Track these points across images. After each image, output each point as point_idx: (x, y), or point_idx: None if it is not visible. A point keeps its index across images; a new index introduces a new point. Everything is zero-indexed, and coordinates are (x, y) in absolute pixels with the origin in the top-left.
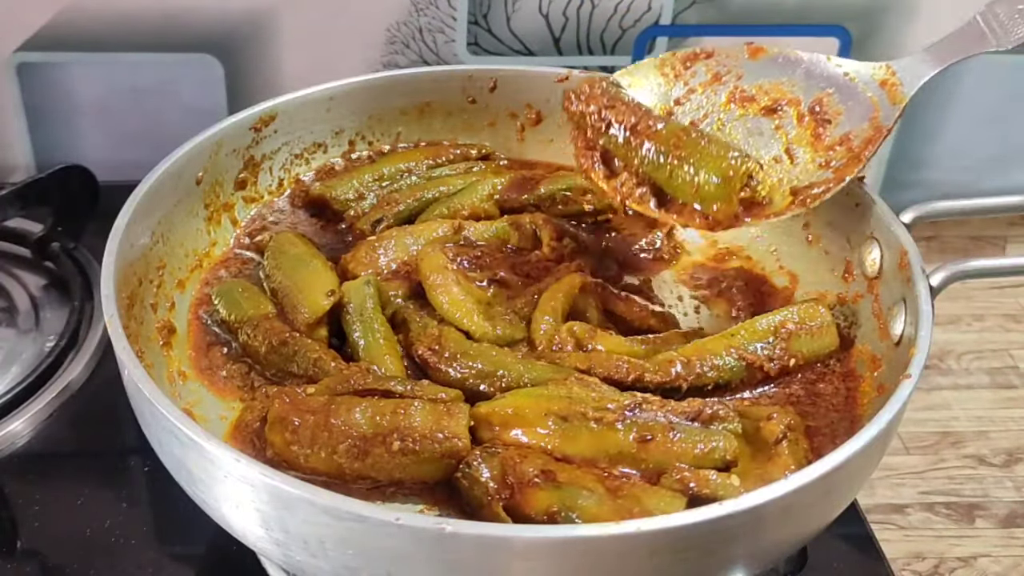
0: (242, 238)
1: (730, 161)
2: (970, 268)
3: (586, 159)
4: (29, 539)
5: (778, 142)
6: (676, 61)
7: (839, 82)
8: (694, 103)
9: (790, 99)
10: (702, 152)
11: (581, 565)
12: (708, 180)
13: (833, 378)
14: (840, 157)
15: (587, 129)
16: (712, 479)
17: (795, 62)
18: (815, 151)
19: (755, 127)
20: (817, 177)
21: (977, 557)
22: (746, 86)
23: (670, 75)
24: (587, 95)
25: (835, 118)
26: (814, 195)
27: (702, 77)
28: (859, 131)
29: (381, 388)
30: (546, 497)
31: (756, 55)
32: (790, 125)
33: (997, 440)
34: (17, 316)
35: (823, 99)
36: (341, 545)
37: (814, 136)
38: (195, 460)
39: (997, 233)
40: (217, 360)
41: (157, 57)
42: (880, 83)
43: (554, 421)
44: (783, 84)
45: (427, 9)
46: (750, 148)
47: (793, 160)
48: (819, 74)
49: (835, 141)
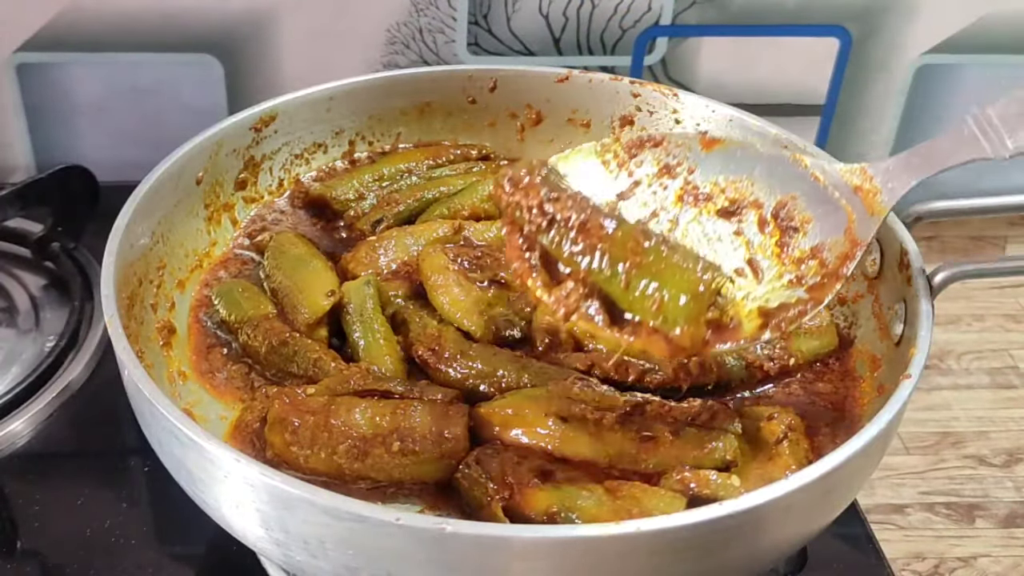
0: (242, 238)
1: (699, 275)
2: (970, 268)
3: (521, 262)
4: (29, 539)
5: (739, 251)
6: (620, 148)
7: (805, 185)
8: (640, 198)
9: (750, 201)
10: (665, 262)
11: (581, 565)
12: (674, 298)
13: (833, 378)
14: (813, 273)
15: (524, 225)
16: (712, 479)
17: (754, 158)
18: (782, 264)
19: (713, 231)
20: (788, 297)
21: (977, 557)
22: (700, 182)
23: (612, 164)
24: (525, 184)
25: (803, 226)
26: (789, 319)
27: (649, 168)
28: (833, 244)
29: (381, 389)
30: (545, 498)
31: (710, 147)
32: (752, 232)
33: (997, 440)
34: (17, 316)
35: (787, 203)
36: (341, 545)
37: (780, 246)
38: (195, 460)
39: (997, 233)
40: (217, 363)
41: (157, 57)
42: (854, 188)
43: (554, 422)
44: (741, 183)
45: (427, 9)
46: (709, 257)
47: (758, 275)
48: (782, 174)
49: (805, 254)
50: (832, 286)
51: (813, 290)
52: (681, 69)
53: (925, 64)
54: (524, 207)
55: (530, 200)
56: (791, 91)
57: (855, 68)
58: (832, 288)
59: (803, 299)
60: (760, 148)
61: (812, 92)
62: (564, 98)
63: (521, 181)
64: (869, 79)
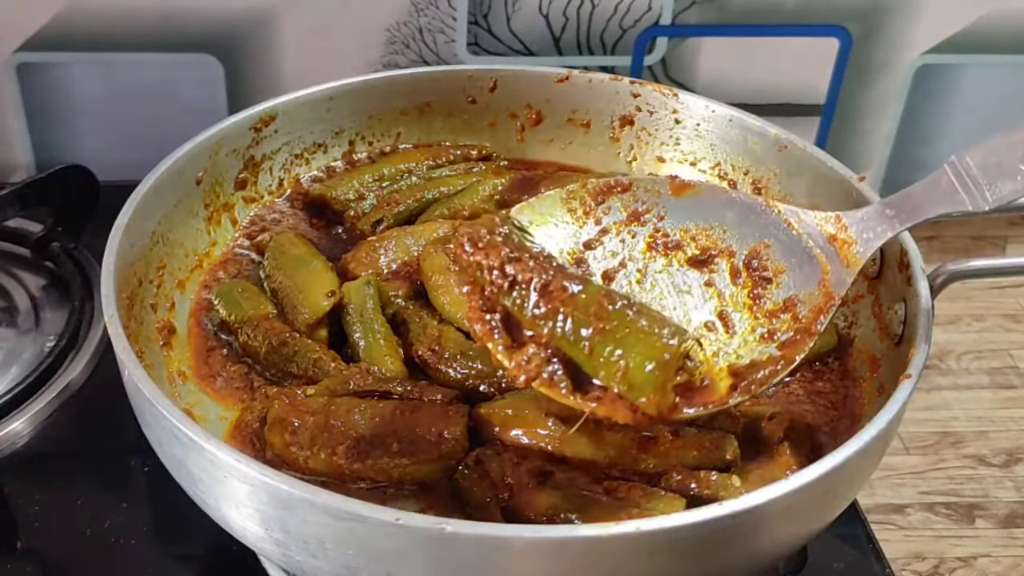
0: (242, 238)
1: (665, 340)
2: (970, 268)
3: (482, 324)
4: (29, 539)
5: (710, 303)
6: (586, 195)
7: (779, 233)
8: (608, 247)
9: (721, 249)
10: (631, 327)
11: (581, 565)
12: (639, 366)
13: (832, 377)
14: (786, 328)
15: (485, 286)
16: (713, 480)
17: (726, 204)
18: (755, 317)
19: (682, 282)
20: (759, 353)
21: (977, 557)
22: (670, 230)
23: (579, 211)
24: (485, 243)
25: (776, 276)
26: (760, 380)
27: (617, 215)
28: (807, 296)
29: (381, 389)
30: (545, 499)
31: (680, 191)
32: (723, 282)
33: (997, 440)
34: (17, 316)
35: (760, 252)
36: (341, 545)
37: (752, 298)
38: (195, 460)
39: (997, 233)
40: (217, 366)
41: (157, 57)
42: (829, 238)
43: (554, 422)
44: (712, 230)
45: (427, 9)
46: (678, 310)
47: (729, 328)
48: (755, 221)
49: (778, 307)
50: (804, 343)
51: (785, 347)
52: (681, 69)
53: (925, 64)
54: (485, 267)
55: (490, 261)
56: (791, 91)
57: (855, 68)
58: (804, 346)
59: (775, 357)
60: (732, 194)
61: (812, 92)
62: (564, 98)
63: (481, 240)
64: (869, 79)
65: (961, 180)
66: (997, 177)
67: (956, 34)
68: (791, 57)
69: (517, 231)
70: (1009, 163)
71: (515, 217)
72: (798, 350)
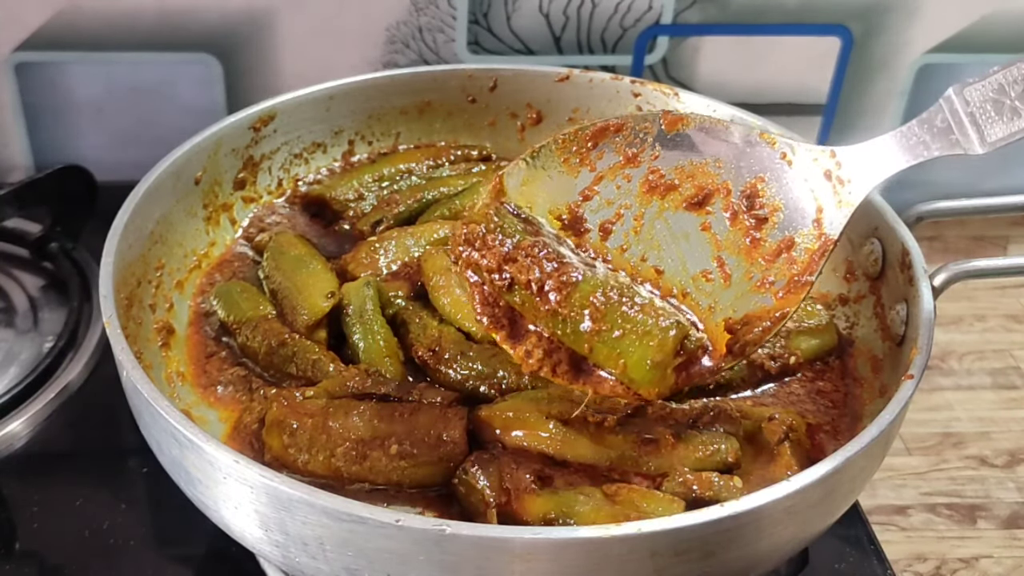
0: (241, 239)
1: (660, 338)
2: (972, 268)
3: (488, 317)
4: (28, 540)
5: (707, 249)
6: (581, 140)
7: (774, 166)
8: (605, 196)
9: (718, 186)
10: (627, 327)
11: (581, 566)
12: (638, 364)
13: (833, 376)
14: (781, 275)
15: (485, 284)
16: (715, 482)
17: (721, 137)
18: (751, 262)
19: (679, 228)
20: (754, 305)
21: (979, 558)
22: (665, 169)
23: (574, 160)
24: (480, 244)
25: (773, 215)
26: (752, 341)
27: (611, 159)
28: (803, 237)
29: (380, 391)
30: (543, 503)
31: (674, 126)
32: (720, 225)
33: (999, 441)
34: (15, 317)
35: (757, 187)
36: (341, 547)
37: (750, 241)
38: (194, 461)
39: (999, 233)
40: (216, 374)
41: (156, 57)
42: (824, 174)
43: (555, 424)
44: (708, 165)
45: (427, 8)
46: (675, 259)
47: (726, 275)
48: (750, 154)
49: (774, 249)
50: (799, 293)
51: (780, 297)
52: (682, 68)
53: (926, 63)
54: (483, 268)
55: (488, 262)
56: (792, 90)
57: (856, 67)
58: (799, 296)
59: (769, 309)
60: (727, 125)
61: (813, 91)
62: (564, 97)
63: (476, 240)
64: (870, 78)
65: (957, 119)
66: (995, 115)
67: (957, 34)
68: (792, 56)
69: (512, 217)
70: (1007, 101)
71: (510, 198)
72: (792, 301)
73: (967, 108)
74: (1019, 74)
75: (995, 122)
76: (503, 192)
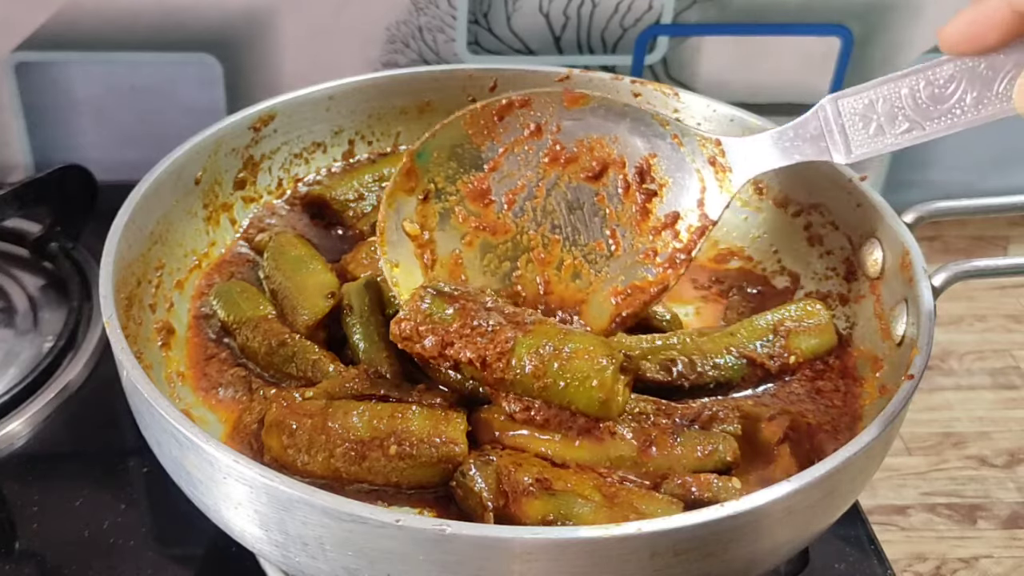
0: (241, 239)
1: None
2: (972, 268)
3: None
4: (28, 540)
5: (601, 221)
6: (488, 115)
7: (665, 146)
8: (510, 166)
9: (614, 159)
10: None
11: (581, 567)
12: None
13: (833, 375)
14: (665, 247)
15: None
16: (714, 483)
17: (618, 114)
18: (640, 233)
19: (576, 199)
20: (640, 276)
21: (979, 558)
22: (566, 141)
23: (482, 134)
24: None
25: (661, 190)
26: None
27: (517, 132)
28: (687, 212)
29: (379, 392)
30: (541, 506)
31: (575, 103)
32: (615, 198)
33: (999, 441)
34: (15, 316)
35: (650, 162)
36: (341, 546)
37: (641, 212)
38: (194, 461)
39: (999, 233)
40: (216, 376)
41: (156, 56)
42: (709, 160)
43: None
44: (606, 140)
45: (427, 8)
46: (573, 229)
47: (617, 244)
48: (645, 133)
49: (661, 223)
50: (681, 267)
51: (664, 271)
52: (682, 68)
53: None
54: (427, 358)
55: (428, 352)
56: (792, 90)
57: (856, 67)
58: (681, 269)
59: (652, 281)
60: (624, 106)
61: (813, 91)
62: None
63: (412, 335)
64: (870, 78)
65: (828, 128)
66: (863, 130)
67: None
68: (792, 56)
69: (438, 299)
70: (874, 118)
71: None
72: (672, 276)
73: (838, 119)
74: (887, 93)
75: (861, 136)
76: (414, 171)
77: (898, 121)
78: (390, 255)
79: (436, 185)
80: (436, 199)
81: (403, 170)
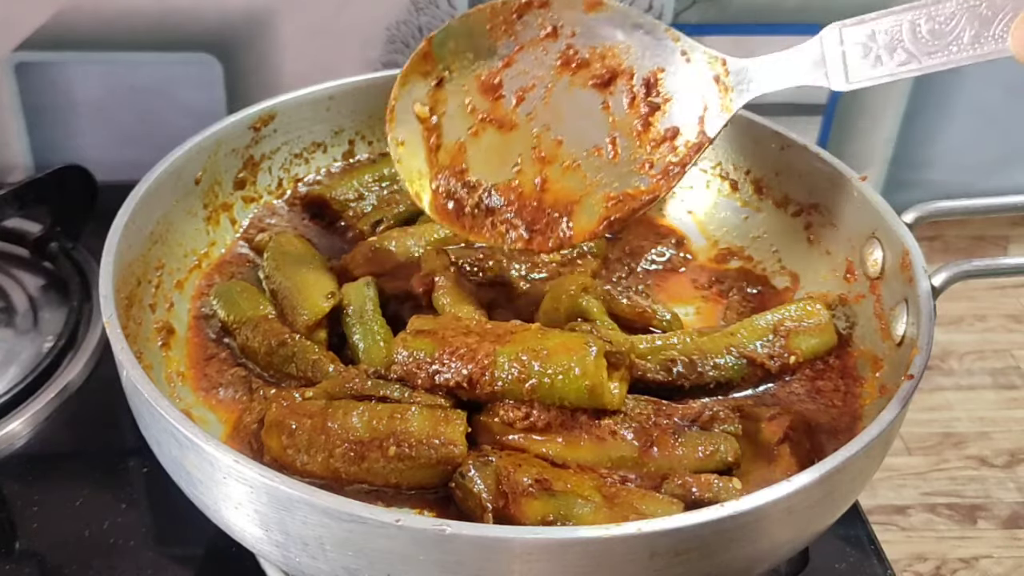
0: (241, 239)
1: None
2: (972, 268)
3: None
4: (28, 540)
5: (604, 126)
6: (508, 10)
7: (674, 61)
8: (523, 64)
9: (624, 69)
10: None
11: (581, 567)
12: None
13: (833, 375)
14: (661, 160)
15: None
16: (715, 483)
17: (633, 26)
18: (639, 143)
19: (582, 105)
20: (633, 185)
21: (979, 558)
22: (580, 46)
23: (500, 29)
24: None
25: (665, 104)
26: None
27: (534, 32)
28: (687, 128)
29: (379, 392)
30: (541, 507)
31: (593, 8)
32: (619, 106)
33: (999, 441)
34: (15, 316)
35: (657, 75)
36: (341, 547)
37: (642, 124)
38: (194, 461)
39: (999, 233)
40: (216, 376)
41: (156, 57)
42: (714, 78)
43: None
44: (619, 48)
45: (427, 8)
46: (575, 132)
47: (616, 153)
48: (656, 47)
49: (661, 136)
50: (674, 179)
51: (656, 181)
52: None
53: None
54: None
55: (423, 382)
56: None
57: None
58: (672, 183)
59: (643, 190)
60: (640, 17)
61: (813, 92)
62: None
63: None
64: None
65: (830, 55)
66: (862, 59)
67: None
68: None
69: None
70: (874, 48)
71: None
72: (664, 186)
73: (840, 47)
74: (889, 25)
75: (861, 65)
76: (431, 55)
77: (896, 53)
78: (397, 133)
79: (451, 72)
80: (449, 85)
81: (420, 53)
